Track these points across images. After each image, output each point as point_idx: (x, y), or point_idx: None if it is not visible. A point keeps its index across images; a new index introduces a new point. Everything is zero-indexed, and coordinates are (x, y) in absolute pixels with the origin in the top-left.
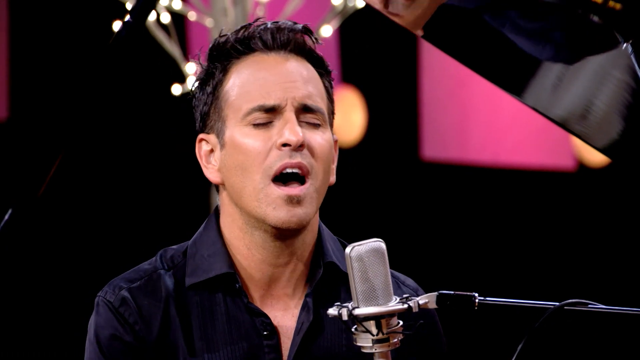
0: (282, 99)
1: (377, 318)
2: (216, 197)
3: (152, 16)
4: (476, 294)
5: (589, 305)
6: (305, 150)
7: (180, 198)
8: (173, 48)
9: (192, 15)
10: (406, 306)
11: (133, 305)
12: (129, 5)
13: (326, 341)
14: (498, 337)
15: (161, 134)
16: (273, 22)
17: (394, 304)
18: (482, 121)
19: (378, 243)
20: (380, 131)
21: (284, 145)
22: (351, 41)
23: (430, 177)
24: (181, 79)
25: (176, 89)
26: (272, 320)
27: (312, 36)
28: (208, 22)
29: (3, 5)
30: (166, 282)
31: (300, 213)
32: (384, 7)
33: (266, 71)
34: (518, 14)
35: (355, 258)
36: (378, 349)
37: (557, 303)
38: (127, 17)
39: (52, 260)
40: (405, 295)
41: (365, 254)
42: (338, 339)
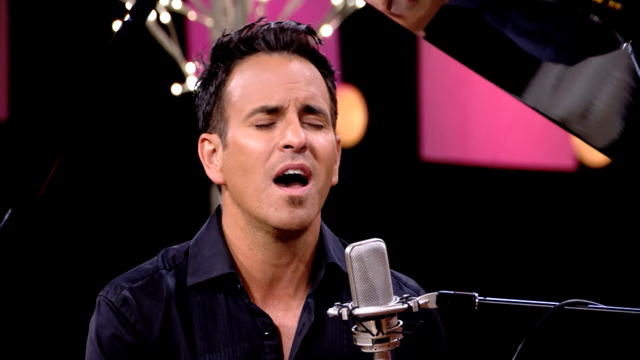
0: (285, 100)
1: (377, 318)
2: (216, 197)
3: (152, 16)
4: (476, 294)
5: (589, 305)
6: (307, 151)
7: (180, 198)
8: (173, 48)
9: (192, 15)
10: (406, 306)
11: (134, 305)
12: (129, 5)
13: (327, 342)
14: (498, 337)
15: (161, 134)
16: (276, 23)
17: (394, 304)
18: (482, 121)
19: (378, 243)
20: (380, 131)
21: (287, 146)
22: (351, 41)
23: (430, 177)
24: (181, 79)
25: (176, 89)
26: (274, 320)
27: (316, 37)
28: (208, 22)
29: (3, 5)
30: (168, 282)
31: (301, 214)
32: (387, 8)
33: (269, 72)
34: (519, 15)
35: (355, 258)
36: (378, 349)
37: (557, 303)
38: (127, 17)
39: (52, 260)
40: (405, 295)
41: (365, 254)
42: (339, 340)
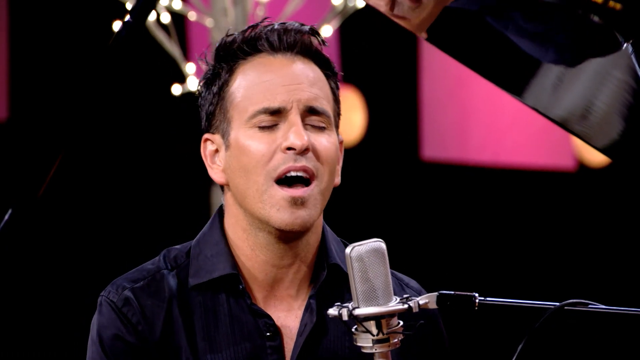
0: (288, 102)
1: (377, 318)
2: (216, 198)
3: (152, 16)
4: (476, 294)
5: (590, 305)
6: (310, 153)
7: (180, 198)
8: (173, 48)
9: (192, 15)
10: (406, 306)
11: (136, 305)
12: (129, 5)
13: (329, 343)
14: (498, 337)
15: (161, 134)
16: (280, 23)
17: (394, 304)
18: (482, 121)
19: (378, 243)
20: (380, 131)
21: (289, 148)
22: (351, 41)
23: (430, 177)
24: (181, 79)
25: (176, 89)
26: (275, 321)
27: (319, 37)
28: (208, 22)
29: (3, 5)
30: (169, 282)
31: (303, 215)
32: (390, 10)
33: (272, 73)
34: (520, 15)
35: (355, 258)
36: (378, 349)
37: (558, 303)
38: (127, 17)
39: (53, 260)
40: (405, 295)
41: (365, 254)
42: (341, 341)
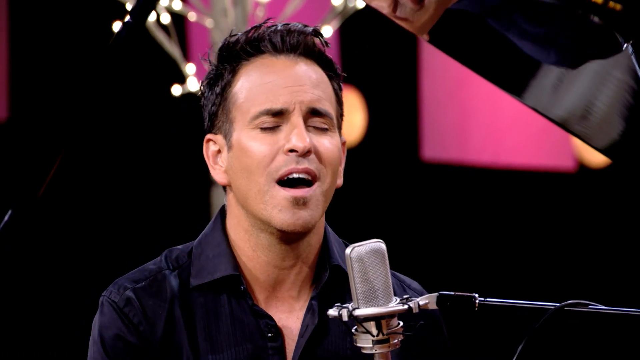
0: (290, 103)
1: (377, 319)
2: (216, 198)
3: (152, 17)
4: (476, 295)
5: (590, 305)
6: (312, 155)
7: (181, 198)
8: (173, 48)
9: (192, 15)
10: (406, 307)
11: (138, 305)
12: (129, 5)
13: (331, 344)
14: (498, 338)
15: (161, 135)
16: (283, 24)
17: (394, 305)
18: (482, 121)
19: (378, 244)
20: (380, 131)
21: (291, 151)
22: (351, 41)
23: (430, 178)
24: (181, 80)
25: (176, 90)
26: (277, 322)
27: (322, 39)
28: (208, 23)
29: (3, 5)
30: (171, 283)
31: (305, 216)
32: (392, 12)
33: (275, 74)
34: (521, 17)
35: (355, 259)
36: (378, 350)
37: (558, 304)
38: (127, 18)
39: (53, 260)
40: (405, 296)
41: (365, 255)
42: (343, 342)
